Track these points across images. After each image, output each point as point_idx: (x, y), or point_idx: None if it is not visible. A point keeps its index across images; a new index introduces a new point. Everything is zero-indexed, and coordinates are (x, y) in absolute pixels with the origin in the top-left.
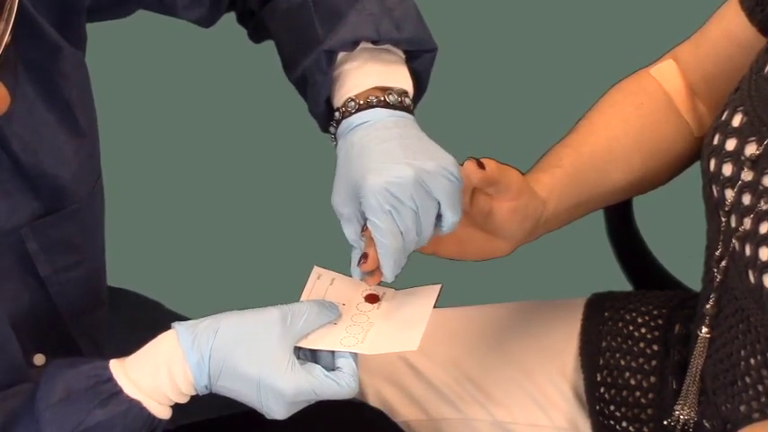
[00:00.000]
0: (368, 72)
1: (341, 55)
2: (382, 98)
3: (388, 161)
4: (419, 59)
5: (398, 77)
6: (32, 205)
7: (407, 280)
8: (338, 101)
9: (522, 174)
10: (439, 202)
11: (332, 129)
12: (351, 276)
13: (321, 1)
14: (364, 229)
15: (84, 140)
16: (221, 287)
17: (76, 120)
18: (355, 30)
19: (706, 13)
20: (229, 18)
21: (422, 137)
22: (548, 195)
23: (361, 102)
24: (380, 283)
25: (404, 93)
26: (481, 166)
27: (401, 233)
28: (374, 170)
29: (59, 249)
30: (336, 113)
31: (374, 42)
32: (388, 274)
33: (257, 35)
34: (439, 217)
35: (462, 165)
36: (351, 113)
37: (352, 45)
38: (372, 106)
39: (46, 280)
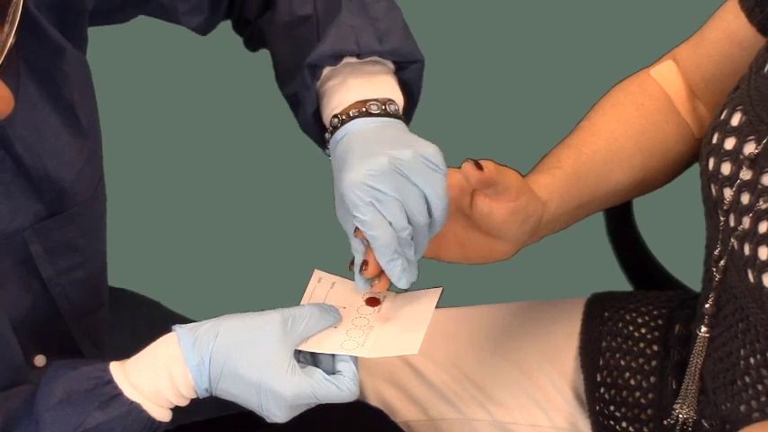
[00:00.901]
0: (349, 87)
1: (326, 71)
2: (364, 109)
3: (364, 156)
4: (407, 70)
5: (381, 88)
6: (35, 207)
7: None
8: (325, 120)
9: (522, 175)
10: (423, 193)
11: (327, 151)
12: (352, 279)
13: (324, 19)
14: (356, 232)
15: (87, 142)
16: (222, 288)
17: (79, 121)
18: (335, 43)
19: (706, 13)
20: (230, 23)
21: (404, 132)
22: (548, 197)
23: (344, 117)
24: None
25: (388, 101)
26: (479, 167)
27: (389, 223)
28: (350, 167)
29: (62, 251)
30: (326, 134)
31: (357, 56)
32: (389, 270)
33: (253, 44)
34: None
35: (461, 166)
36: (336, 129)
37: (334, 59)
38: (353, 118)
39: (48, 282)
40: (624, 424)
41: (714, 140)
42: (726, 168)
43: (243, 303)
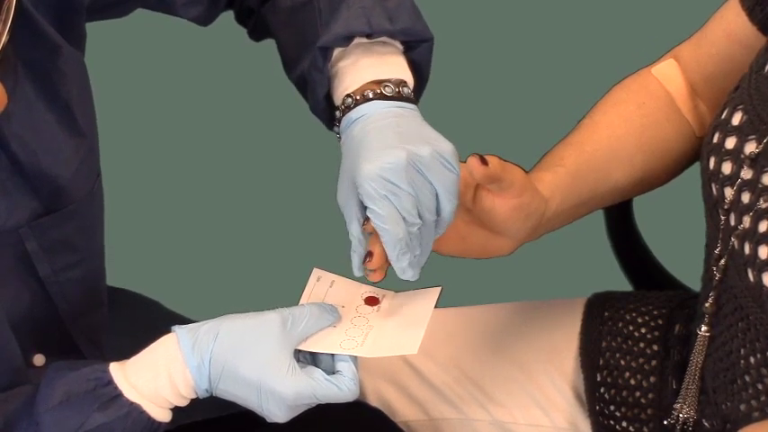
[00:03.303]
0: (363, 67)
1: (337, 51)
2: (379, 91)
3: (382, 148)
4: (417, 50)
5: (394, 68)
6: (32, 205)
7: (408, 280)
8: (337, 99)
9: (526, 171)
10: (436, 190)
11: (336, 129)
12: (351, 277)
13: (325, 1)
14: (365, 222)
15: (84, 140)
16: (221, 288)
17: (76, 119)
18: (347, 25)
19: (706, 12)
20: (230, 16)
21: (421, 124)
22: (550, 194)
23: (358, 97)
24: (380, 285)
25: (401, 83)
26: (484, 162)
27: (403, 218)
28: (367, 158)
29: (59, 249)
30: (337, 112)
31: (368, 36)
32: (397, 263)
33: (257, 34)
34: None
35: (465, 161)
36: (350, 109)
37: (346, 40)
38: (369, 99)
39: (45, 280)
40: (624, 424)
41: (715, 140)
42: (726, 167)
43: (242, 302)
